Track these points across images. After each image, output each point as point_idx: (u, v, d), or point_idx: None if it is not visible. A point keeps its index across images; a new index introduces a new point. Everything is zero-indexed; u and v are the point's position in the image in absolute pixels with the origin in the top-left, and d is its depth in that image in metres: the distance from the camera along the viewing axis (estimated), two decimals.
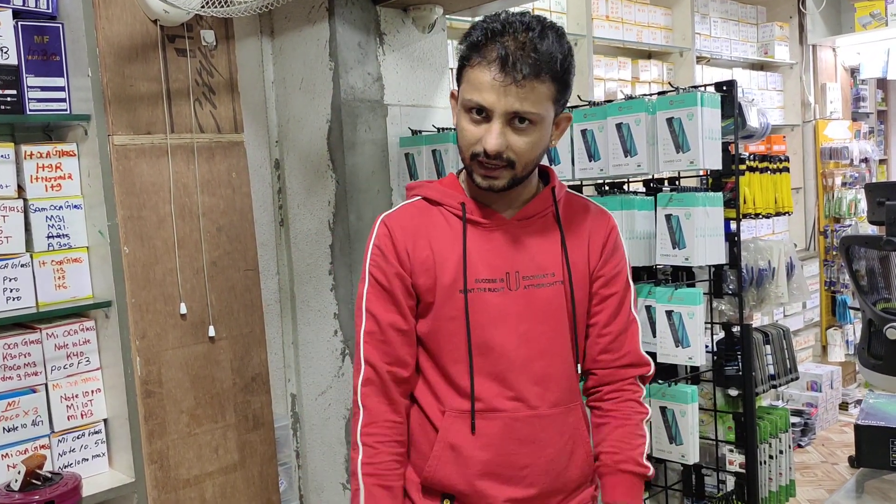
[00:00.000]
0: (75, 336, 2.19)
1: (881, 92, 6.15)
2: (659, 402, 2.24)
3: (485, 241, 1.43)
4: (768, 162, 2.48)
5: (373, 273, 1.44)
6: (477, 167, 1.37)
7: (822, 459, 4.36)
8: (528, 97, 1.30)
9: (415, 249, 1.43)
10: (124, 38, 2.15)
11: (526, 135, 1.34)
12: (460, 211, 1.44)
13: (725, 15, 4.91)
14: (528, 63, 1.28)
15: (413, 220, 1.46)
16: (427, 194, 1.48)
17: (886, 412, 1.70)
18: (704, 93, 2.11)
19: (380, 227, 1.46)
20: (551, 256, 1.46)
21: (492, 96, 1.30)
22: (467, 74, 1.34)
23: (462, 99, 1.36)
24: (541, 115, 1.34)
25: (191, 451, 2.29)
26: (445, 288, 1.41)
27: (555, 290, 1.45)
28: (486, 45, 1.31)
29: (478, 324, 1.41)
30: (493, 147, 1.32)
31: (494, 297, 1.42)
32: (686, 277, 2.37)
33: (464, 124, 1.36)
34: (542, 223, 1.47)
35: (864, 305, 3.15)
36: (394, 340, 1.43)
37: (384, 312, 1.43)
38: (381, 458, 1.42)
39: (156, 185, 2.22)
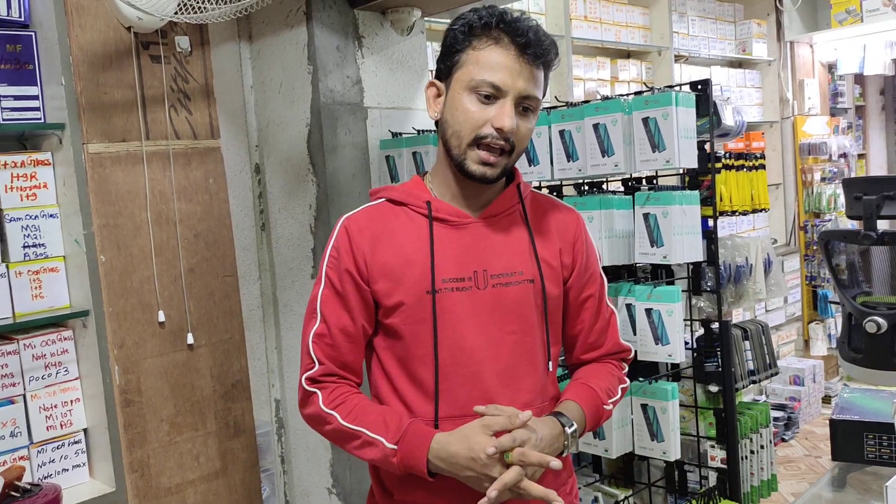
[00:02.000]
0: (53, 346, 2.18)
1: (858, 87, 6.20)
2: (640, 400, 2.25)
3: (451, 240, 1.41)
4: (744, 160, 2.50)
5: (328, 275, 1.42)
6: (476, 154, 1.35)
7: (805, 453, 4.40)
8: (536, 83, 1.35)
9: (374, 253, 1.40)
10: (98, 46, 2.14)
11: (527, 121, 1.37)
12: (425, 209, 1.42)
13: (703, 13, 4.95)
14: (542, 49, 1.33)
15: (374, 221, 1.43)
16: (391, 195, 1.46)
17: (861, 406, 1.72)
18: (679, 92, 2.12)
19: (339, 229, 1.44)
20: (519, 255, 1.44)
21: (507, 77, 1.32)
22: (473, 55, 1.34)
23: (470, 79, 1.34)
24: (539, 103, 1.38)
25: (172, 460, 2.28)
26: (411, 289, 1.39)
27: (523, 289, 1.43)
28: (498, 29, 1.33)
29: (446, 325, 1.39)
30: (509, 125, 1.32)
31: (462, 296, 1.40)
32: (665, 275, 2.39)
33: (468, 106, 1.34)
34: (509, 221, 1.46)
35: (844, 299, 3.17)
36: (342, 345, 1.42)
37: (335, 316, 1.41)
38: (341, 389, 1.41)
39: (132, 192, 2.21)
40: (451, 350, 1.39)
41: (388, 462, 1.35)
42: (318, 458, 2.74)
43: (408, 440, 1.33)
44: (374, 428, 1.35)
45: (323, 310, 1.41)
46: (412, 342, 1.40)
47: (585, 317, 1.54)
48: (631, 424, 2.28)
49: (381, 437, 1.34)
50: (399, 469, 1.34)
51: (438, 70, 1.42)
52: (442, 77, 1.41)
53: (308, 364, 1.42)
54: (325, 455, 2.70)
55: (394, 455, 1.33)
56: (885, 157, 6.61)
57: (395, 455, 1.33)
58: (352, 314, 1.41)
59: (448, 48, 1.39)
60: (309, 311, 1.44)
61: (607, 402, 1.49)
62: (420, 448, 1.32)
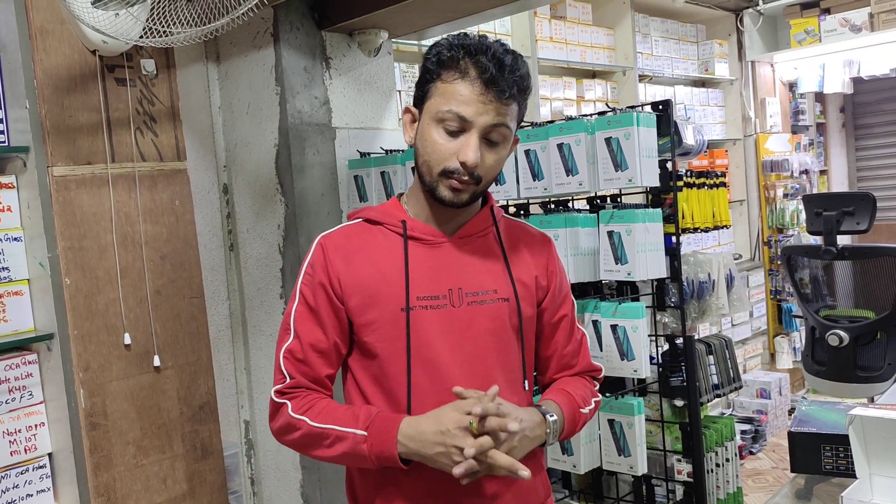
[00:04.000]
0: (17, 370, 2.15)
1: (819, 105, 6.34)
2: (606, 415, 2.28)
3: (426, 258, 1.42)
4: (705, 178, 2.55)
5: (303, 291, 1.43)
6: (444, 181, 1.36)
7: (773, 465, 4.45)
8: (506, 115, 1.34)
9: (349, 271, 1.41)
10: (62, 69, 2.14)
11: (496, 152, 1.37)
12: (401, 228, 1.43)
13: (666, 34, 5.04)
14: (511, 82, 1.33)
15: (350, 240, 1.45)
16: (368, 215, 1.48)
17: (818, 419, 1.76)
18: (640, 113, 2.17)
19: (316, 247, 1.45)
20: (494, 274, 1.45)
21: (472, 110, 1.32)
22: (441, 88, 1.35)
23: (438, 111, 1.35)
24: (509, 134, 1.38)
25: (138, 483, 2.26)
26: (386, 307, 1.39)
27: (498, 307, 1.44)
28: (466, 61, 1.33)
29: (421, 342, 1.39)
30: (472, 160, 1.32)
31: (437, 314, 1.40)
32: (630, 292, 2.42)
33: (435, 138, 1.35)
34: (483, 242, 1.47)
35: (807, 313, 3.24)
36: (313, 360, 1.41)
37: (307, 332, 1.41)
38: (311, 396, 1.41)
39: (97, 215, 2.20)
40: (426, 368, 1.39)
41: (358, 452, 1.34)
42: (288, 479, 2.73)
43: (377, 424, 1.34)
44: (344, 422, 1.35)
45: (296, 326, 1.42)
46: (387, 360, 1.40)
47: (559, 338, 1.55)
48: (598, 440, 2.31)
49: (350, 428, 1.34)
50: (370, 458, 1.33)
51: (415, 96, 1.43)
52: (416, 104, 1.42)
53: (279, 379, 1.42)
54: (295, 476, 2.69)
55: (364, 441, 1.33)
56: (845, 173, 6.75)
57: (365, 441, 1.33)
58: (325, 330, 1.41)
59: (421, 76, 1.40)
60: (283, 328, 1.44)
61: (584, 407, 1.50)
62: (389, 430, 1.32)
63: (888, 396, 1.55)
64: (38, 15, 2.10)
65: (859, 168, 6.76)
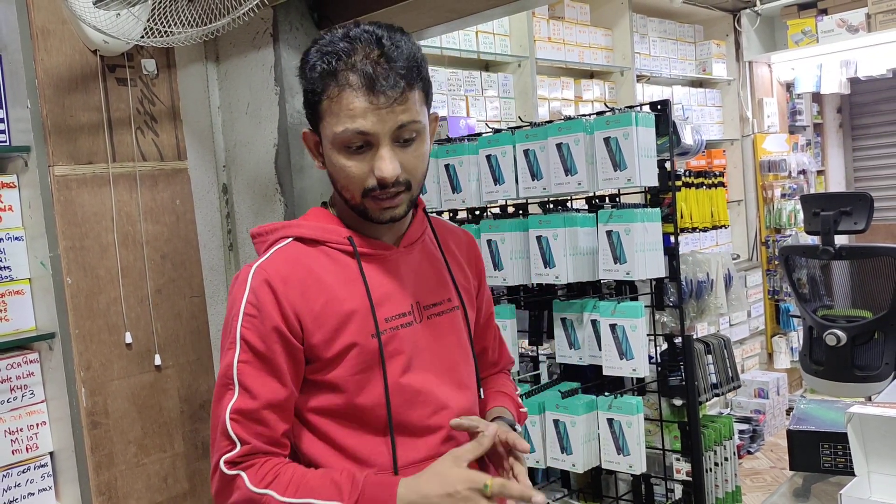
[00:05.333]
0: (19, 369, 2.16)
1: (816, 105, 6.36)
2: (606, 415, 2.29)
3: (382, 274, 1.28)
4: (704, 177, 2.56)
5: (247, 338, 1.18)
6: (372, 202, 1.21)
7: (770, 465, 4.46)
8: (407, 109, 1.18)
9: (306, 303, 1.20)
10: (64, 69, 2.14)
11: (414, 149, 1.21)
12: (348, 246, 1.26)
13: (664, 35, 5.05)
14: (398, 74, 1.16)
15: (295, 266, 1.23)
16: (302, 233, 1.27)
17: (817, 417, 1.76)
18: (639, 113, 2.18)
19: (253, 281, 1.20)
20: (442, 281, 1.36)
21: (371, 121, 1.15)
22: (329, 106, 1.18)
23: (334, 134, 1.18)
24: (423, 124, 1.22)
25: (139, 482, 2.27)
26: (355, 336, 1.22)
27: (454, 316, 1.35)
28: (342, 71, 1.16)
29: (398, 366, 1.25)
30: (391, 173, 1.17)
31: (407, 332, 1.27)
32: (629, 291, 2.43)
33: (343, 162, 1.19)
34: (423, 247, 1.36)
35: (805, 313, 3.25)
36: (270, 419, 1.18)
37: (262, 387, 1.18)
38: (271, 463, 1.19)
39: (98, 214, 2.21)
40: (405, 394, 1.26)
41: None
42: None
43: (368, 493, 1.14)
44: (323, 493, 1.14)
45: (243, 380, 1.17)
46: (359, 394, 1.23)
47: (488, 335, 1.51)
48: (597, 439, 2.32)
49: (333, 501, 1.14)
50: None
51: (307, 118, 1.26)
52: (312, 126, 1.26)
53: (225, 446, 1.17)
54: None
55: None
56: (843, 173, 6.77)
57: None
58: (281, 379, 1.20)
59: (305, 97, 1.23)
60: (221, 384, 1.20)
61: (522, 407, 1.50)
62: (385, 499, 1.14)
63: (887, 395, 1.56)
64: (40, 15, 2.10)
65: (856, 168, 6.78)
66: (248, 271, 1.22)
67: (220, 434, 1.18)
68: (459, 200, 2.51)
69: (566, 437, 2.29)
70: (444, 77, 3.54)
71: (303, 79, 1.22)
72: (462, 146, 2.50)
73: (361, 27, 1.19)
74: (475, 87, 3.70)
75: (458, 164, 2.50)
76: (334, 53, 1.17)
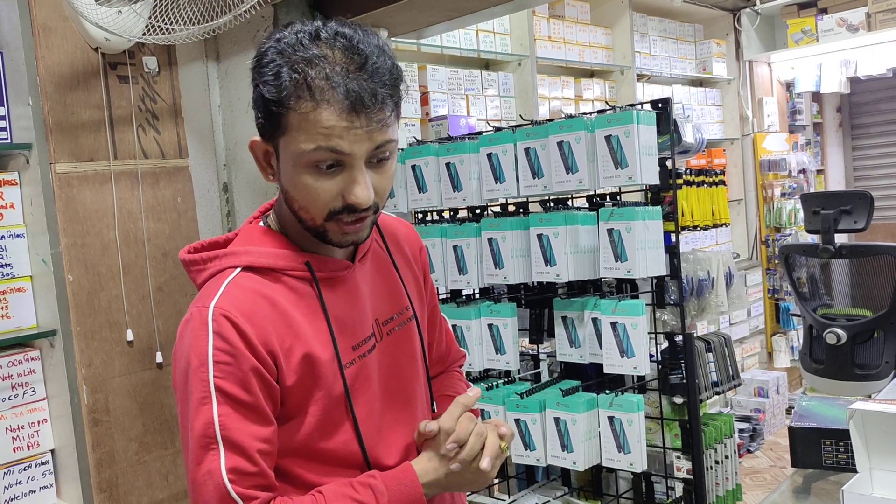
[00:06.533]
0: (20, 366, 2.16)
1: (816, 105, 6.36)
2: (606, 412, 2.29)
3: (342, 298, 1.17)
4: (705, 176, 2.56)
5: (224, 389, 1.04)
6: (335, 226, 1.10)
7: (770, 464, 4.47)
8: (384, 127, 1.06)
9: (277, 339, 1.09)
10: (65, 67, 2.14)
11: (385, 170, 1.11)
12: (306, 272, 1.14)
13: (664, 34, 5.06)
14: (383, 94, 1.05)
15: (257, 301, 1.09)
16: (253, 262, 1.13)
17: (818, 414, 1.77)
18: (640, 111, 2.18)
19: (217, 323, 1.05)
20: (395, 291, 1.27)
21: (348, 141, 1.03)
22: (297, 121, 1.03)
23: (302, 152, 1.04)
24: (396, 142, 1.12)
25: (140, 479, 2.27)
26: (327, 372, 1.12)
27: (409, 328, 1.27)
28: (318, 85, 1.02)
29: (371, 395, 1.18)
30: (365, 199, 1.06)
31: (372, 357, 1.19)
32: (630, 289, 2.43)
33: (309, 182, 1.06)
34: (375, 257, 1.26)
35: (805, 312, 3.25)
36: (265, 466, 1.07)
37: (250, 437, 1.05)
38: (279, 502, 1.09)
39: (99, 211, 2.21)
40: (374, 419, 1.18)
41: None
42: None
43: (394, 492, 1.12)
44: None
45: (230, 435, 1.04)
46: (330, 430, 1.14)
47: (437, 330, 1.43)
48: (598, 437, 2.32)
49: None
50: None
51: (259, 126, 1.10)
52: (266, 136, 1.10)
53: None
54: None
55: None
56: (842, 172, 6.77)
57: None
58: (267, 423, 1.08)
59: (263, 104, 1.07)
60: (201, 445, 1.05)
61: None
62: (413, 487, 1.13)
63: (888, 391, 1.57)
64: (41, 12, 2.10)
65: (856, 167, 6.79)
66: (203, 314, 1.06)
67: (220, 499, 1.04)
68: (460, 199, 2.51)
69: (567, 434, 2.29)
70: (444, 76, 3.54)
71: (259, 82, 1.06)
72: (463, 144, 2.50)
73: (330, 28, 1.05)
74: (475, 86, 3.70)
75: (458, 162, 2.50)
76: (306, 61, 1.02)
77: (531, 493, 2.50)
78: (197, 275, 1.17)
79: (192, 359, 1.06)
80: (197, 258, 1.17)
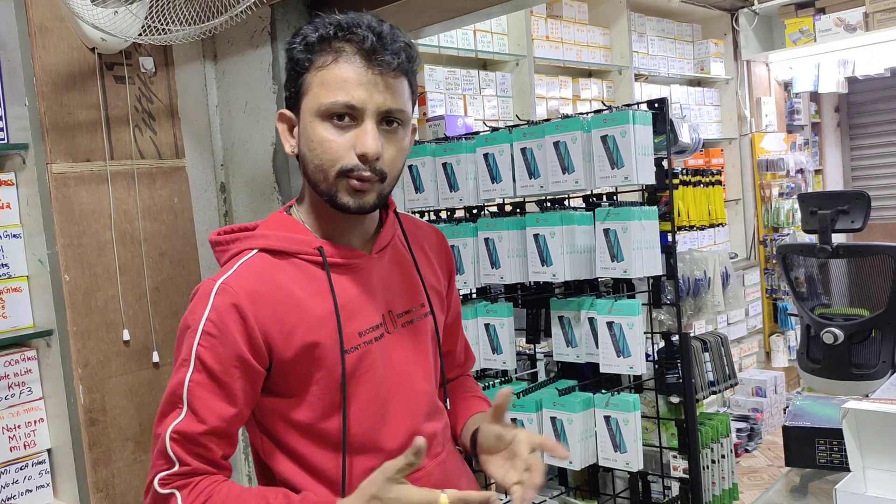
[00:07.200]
0: (17, 366, 2.16)
1: (814, 105, 6.36)
2: (603, 412, 2.29)
3: (353, 285, 1.22)
4: (701, 176, 2.57)
5: (201, 357, 1.11)
6: (346, 185, 1.15)
7: (768, 463, 4.47)
8: (397, 93, 1.15)
9: (276, 321, 1.14)
10: (62, 67, 2.14)
11: (395, 140, 1.17)
12: (318, 257, 1.20)
13: (662, 34, 5.06)
14: (394, 53, 1.14)
15: (265, 282, 1.16)
16: (269, 245, 1.20)
17: (813, 413, 1.77)
18: (636, 111, 2.18)
19: (218, 299, 1.12)
20: (414, 286, 1.32)
21: (361, 92, 1.12)
22: (318, 76, 1.14)
23: (319, 104, 1.14)
24: (407, 116, 1.19)
25: (137, 479, 2.27)
26: (329, 354, 1.17)
27: (426, 323, 1.31)
28: (338, 40, 1.13)
29: (372, 381, 1.21)
30: (373, 149, 1.12)
31: (379, 346, 1.23)
32: (626, 289, 2.44)
33: (324, 135, 1.14)
34: (395, 252, 1.31)
35: (802, 311, 3.25)
36: (213, 445, 1.13)
37: (209, 409, 1.11)
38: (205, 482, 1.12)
39: (96, 212, 2.21)
40: (379, 410, 1.22)
41: None
42: None
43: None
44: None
45: (192, 401, 1.11)
46: (329, 411, 1.19)
47: (456, 336, 1.48)
48: (594, 436, 2.32)
49: None
50: None
51: (287, 99, 1.21)
52: (291, 106, 1.20)
53: (163, 465, 1.12)
54: None
55: None
56: (840, 172, 6.78)
57: None
58: (233, 402, 1.13)
59: (289, 72, 1.19)
60: (168, 402, 1.13)
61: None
62: None
63: (883, 391, 1.57)
64: (38, 12, 2.10)
65: (854, 167, 6.79)
66: (210, 286, 1.14)
67: (159, 452, 1.12)
68: (457, 199, 2.51)
69: (563, 434, 2.30)
70: (441, 76, 3.54)
71: (290, 54, 1.17)
72: (459, 144, 2.50)
73: (359, 14, 1.17)
74: (473, 86, 3.71)
75: (455, 162, 2.50)
76: (333, 24, 1.14)
77: None
78: (220, 255, 1.25)
79: (188, 323, 1.14)
80: (221, 239, 1.24)
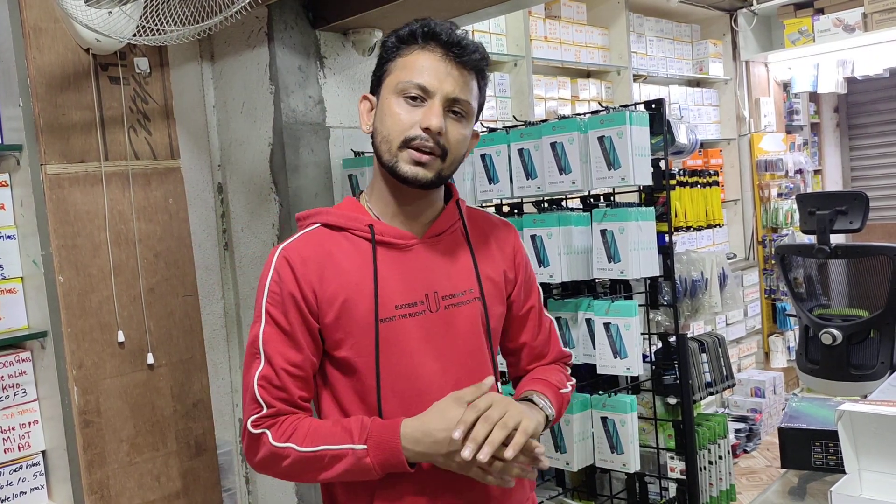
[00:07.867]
0: (11, 368, 2.15)
1: (813, 105, 6.36)
2: (599, 413, 2.29)
3: (399, 263, 1.37)
4: (698, 176, 2.56)
5: (270, 312, 1.32)
6: (407, 155, 1.31)
7: (767, 464, 4.46)
8: (465, 86, 1.34)
9: (321, 283, 1.33)
10: (56, 68, 2.14)
11: (459, 126, 1.34)
12: (368, 233, 1.37)
13: (661, 34, 5.05)
14: (469, 51, 1.33)
15: (316, 249, 1.35)
16: (328, 220, 1.39)
17: (808, 415, 1.76)
18: (633, 112, 2.18)
19: (278, 262, 1.34)
20: (466, 273, 1.42)
21: (433, 78, 1.31)
22: (401, 62, 1.34)
23: (397, 83, 1.32)
24: (472, 109, 1.36)
25: (132, 481, 2.26)
26: (362, 320, 1.33)
27: (473, 308, 1.41)
28: (424, 35, 1.33)
29: (403, 353, 1.34)
30: (437, 124, 1.29)
31: (415, 322, 1.36)
32: (623, 290, 2.43)
33: (396, 109, 1.32)
34: (451, 239, 1.44)
35: (801, 312, 3.24)
36: (291, 385, 1.32)
37: (281, 355, 1.31)
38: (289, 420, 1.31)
39: (90, 213, 2.20)
40: (409, 379, 1.35)
41: (362, 467, 1.27)
42: None
43: (375, 436, 1.27)
44: (337, 440, 1.28)
45: (267, 349, 1.31)
46: (367, 374, 1.34)
47: (529, 329, 1.55)
48: (592, 437, 2.31)
49: (346, 444, 1.27)
50: (375, 470, 1.27)
51: (371, 84, 1.42)
52: (374, 90, 1.40)
53: (254, 409, 1.31)
54: None
55: (365, 455, 1.26)
56: (840, 172, 6.77)
57: (367, 454, 1.26)
58: (300, 350, 1.33)
59: (379, 60, 1.39)
60: (250, 353, 1.34)
61: (562, 388, 1.50)
62: (391, 438, 1.26)
63: (880, 392, 1.56)
64: (32, 13, 2.10)
65: (853, 168, 6.78)
66: (274, 253, 1.35)
67: (249, 399, 1.31)
68: None
69: (560, 435, 2.29)
70: None
71: (383, 45, 1.38)
72: None
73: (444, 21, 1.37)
74: None
75: None
76: (425, 23, 1.34)
77: None
78: (300, 229, 1.42)
79: (259, 287, 1.35)
80: (301, 215, 1.43)
